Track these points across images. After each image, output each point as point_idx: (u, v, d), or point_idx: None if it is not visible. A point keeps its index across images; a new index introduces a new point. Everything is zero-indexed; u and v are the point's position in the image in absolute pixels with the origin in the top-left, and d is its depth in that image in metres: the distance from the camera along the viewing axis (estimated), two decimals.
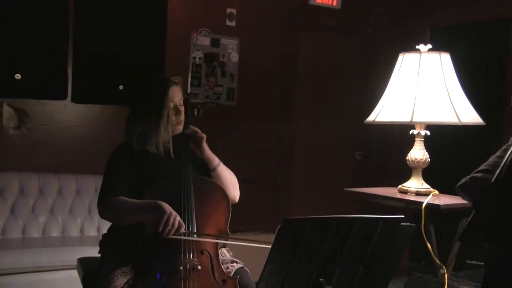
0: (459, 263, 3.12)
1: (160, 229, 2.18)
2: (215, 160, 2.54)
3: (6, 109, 4.02)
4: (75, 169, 4.14)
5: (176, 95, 2.46)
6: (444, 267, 2.86)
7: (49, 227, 3.88)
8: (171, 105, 2.44)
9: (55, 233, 3.89)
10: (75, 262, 2.85)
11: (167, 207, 2.23)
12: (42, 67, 4.05)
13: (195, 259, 2.25)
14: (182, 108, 2.50)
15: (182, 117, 2.49)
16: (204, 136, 2.52)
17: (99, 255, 2.59)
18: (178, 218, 2.23)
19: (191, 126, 2.54)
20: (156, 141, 2.44)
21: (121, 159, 2.47)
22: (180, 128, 2.51)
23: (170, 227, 2.19)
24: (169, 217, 2.20)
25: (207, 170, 2.55)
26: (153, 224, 2.21)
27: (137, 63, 4.38)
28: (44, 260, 3.37)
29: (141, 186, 2.38)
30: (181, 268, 2.22)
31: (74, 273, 3.08)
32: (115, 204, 2.35)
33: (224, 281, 2.29)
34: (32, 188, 3.90)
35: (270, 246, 1.89)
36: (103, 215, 2.45)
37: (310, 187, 5.26)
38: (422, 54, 3.05)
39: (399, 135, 5.08)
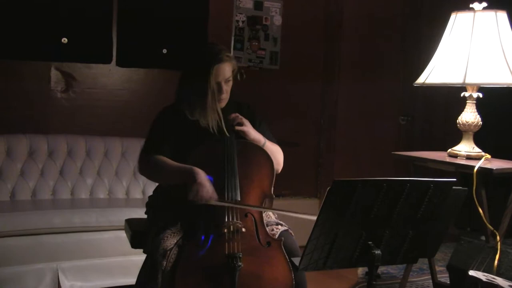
0: (509, 230, 3.05)
1: (189, 197, 2.19)
2: (261, 140, 2.51)
3: (54, 73, 4.07)
4: (120, 132, 4.19)
5: (221, 74, 2.39)
6: (496, 232, 2.79)
7: (96, 189, 3.95)
8: (215, 83, 2.39)
9: (102, 194, 3.96)
10: (122, 223, 2.90)
11: (200, 176, 2.23)
12: (88, 31, 4.08)
13: (238, 221, 2.25)
14: (227, 86, 2.44)
15: (224, 95, 2.44)
16: (244, 123, 2.46)
17: (145, 216, 2.62)
18: (208, 189, 2.22)
19: (232, 115, 2.47)
20: (203, 117, 2.43)
21: (168, 120, 2.48)
22: (221, 105, 2.48)
23: (198, 197, 2.20)
24: (199, 186, 2.20)
25: None
26: (187, 189, 2.22)
27: (181, 27, 4.37)
28: (92, 220, 3.44)
29: (185, 149, 2.38)
30: (225, 230, 2.23)
31: (121, 234, 3.15)
32: (155, 162, 2.37)
33: (268, 243, 2.29)
34: (79, 150, 3.97)
35: (312, 217, 1.87)
36: (142, 169, 2.47)
37: (353, 152, 5.20)
38: (477, 13, 2.93)
39: (445, 98, 4.98)
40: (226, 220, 2.25)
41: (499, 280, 2.29)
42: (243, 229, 2.25)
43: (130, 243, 2.63)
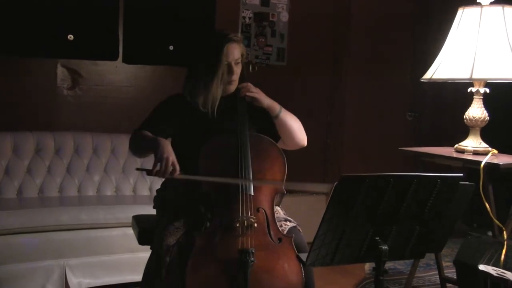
0: None
1: (152, 170, 2.16)
2: (276, 107, 2.48)
3: (60, 70, 4.08)
4: (126, 129, 4.17)
5: (231, 54, 2.38)
6: (503, 227, 2.79)
7: (103, 186, 3.96)
8: (225, 63, 2.38)
9: (109, 191, 3.96)
10: (129, 220, 2.90)
11: (162, 148, 2.18)
12: (94, 27, 4.09)
13: (252, 216, 2.24)
14: (237, 68, 2.43)
15: (235, 76, 2.42)
16: (254, 91, 2.44)
17: (152, 213, 2.63)
18: (171, 161, 2.17)
19: (243, 84, 2.46)
20: (203, 96, 2.40)
21: (171, 106, 2.48)
22: (232, 88, 2.46)
23: (158, 169, 2.16)
24: (160, 159, 2.16)
25: (267, 121, 2.49)
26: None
27: (187, 24, 4.37)
28: (100, 217, 3.44)
29: (193, 139, 2.37)
30: (238, 225, 2.21)
31: (129, 230, 3.16)
32: (137, 134, 2.38)
33: (280, 240, 2.28)
34: (86, 147, 3.97)
35: (323, 190, 1.85)
36: (129, 144, 2.45)
37: (361, 148, 5.19)
38: (484, 8, 2.92)
39: (452, 94, 4.96)
40: (240, 214, 2.23)
41: (509, 274, 2.28)
42: (256, 224, 2.24)
43: (138, 240, 2.63)
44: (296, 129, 2.52)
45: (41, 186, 3.79)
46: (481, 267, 2.44)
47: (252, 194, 2.30)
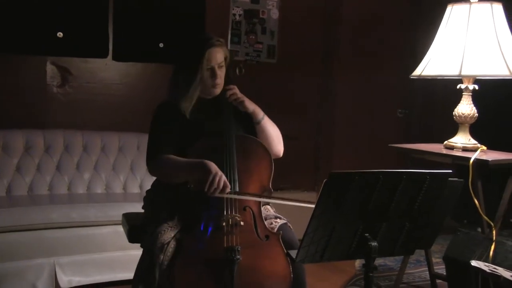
0: (504, 222, 3.07)
1: (205, 189, 2.20)
2: (260, 113, 2.51)
3: (50, 67, 4.06)
4: (117, 126, 4.18)
5: (213, 58, 2.39)
6: (492, 223, 2.80)
7: (93, 183, 3.95)
8: (207, 68, 2.39)
9: (99, 189, 3.95)
10: (120, 218, 2.91)
11: (213, 167, 2.23)
12: (83, 25, 4.07)
13: (237, 215, 2.26)
14: (221, 71, 2.44)
15: (219, 80, 2.44)
16: (239, 97, 2.46)
17: (143, 211, 2.62)
18: (224, 178, 2.23)
19: (228, 86, 2.48)
20: (185, 103, 2.41)
21: (166, 117, 2.47)
22: (216, 91, 2.47)
23: (215, 187, 2.20)
24: (214, 177, 2.20)
25: (251, 126, 2.52)
26: (199, 182, 2.22)
27: (177, 21, 4.36)
28: (91, 215, 3.43)
29: (184, 144, 2.38)
30: (224, 224, 2.24)
31: (119, 228, 3.14)
32: (165, 161, 2.36)
33: (267, 237, 2.30)
34: (76, 145, 3.96)
35: (311, 206, 1.87)
36: (153, 171, 2.45)
37: (351, 145, 5.21)
38: (472, 5, 2.93)
39: (442, 91, 4.98)
40: (225, 213, 2.26)
41: (501, 270, 2.29)
42: (242, 223, 2.26)
43: (127, 238, 2.64)
44: (275, 138, 2.54)
45: (31, 184, 3.77)
46: (473, 263, 2.45)
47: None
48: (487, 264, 2.42)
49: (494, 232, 2.77)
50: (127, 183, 4.05)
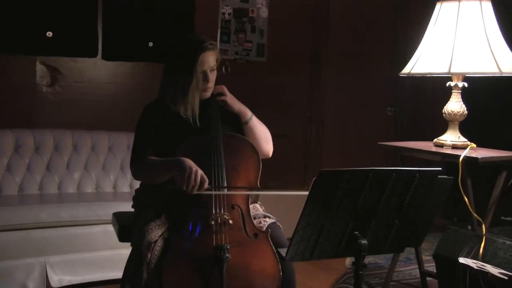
0: (494, 220, 3.08)
1: (184, 187, 2.19)
2: (247, 113, 2.52)
3: (39, 67, 4.05)
4: (107, 126, 4.17)
5: (206, 62, 2.39)
6: (481, 220, 2.81)
7: (83, 183, 3.94)
8: (200, 71, 2.40)
9: (89, 189, 3.94)
10: (110, 217, 2.89)
11: (188, 163, 2.22)
12: (73, 24, 4.05)
13: (225, 213, 2.26)
14: (212, 75, 2.44)
15: (210, 84, 2.44)
16: (226, 96, 2.48)
17: (133, 210, 2.62)
18: (200, 173, 2.21)
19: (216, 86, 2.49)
20: (183, 105, 2.42)
21: (151, 118, 2.47)
22: (207, 94, 2.48)
23: (192, 184, 2.18)
24: (190, 173, 2.19)
25: (239, 126, 2.52)
26: (179, 181, 2.21)
27: (166, 20, 4.35)
28: (80, 214, 3.42)
29: (173, 143, 2.37)
30: (212, 222, 2.24)
31: (109, 227, 3.14)
32: (145, 165, 2.37)
33: (256, 235, 2.30)
34: (66, 144, 3.94)
35: (301, 193, 1.87)
36: (136, 175, 2.46)
37: (341, 143, 5.22)
38: (461, 3, 2.94)
39: (432, 89, 5.00)
40: (214, 212, 2.25)
41: (489, 267, 2.31)
42: (230, 221, 2.26)
43: (118, 237, 2.63)
44: (264, 139, 2.54)
45: (21, 183, 3.76)
46: (461, 260, 2.46)
47: (226, 191, 2.31)
48: (475, 261, 2.44)
49: (484, 229, 2.78)
50: (117, 182, 4.04)
